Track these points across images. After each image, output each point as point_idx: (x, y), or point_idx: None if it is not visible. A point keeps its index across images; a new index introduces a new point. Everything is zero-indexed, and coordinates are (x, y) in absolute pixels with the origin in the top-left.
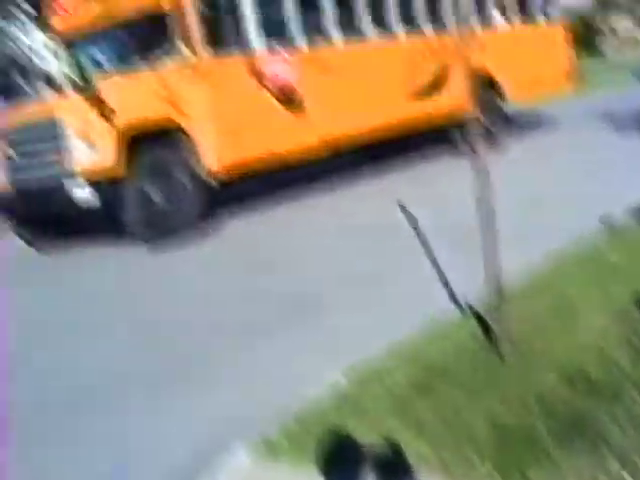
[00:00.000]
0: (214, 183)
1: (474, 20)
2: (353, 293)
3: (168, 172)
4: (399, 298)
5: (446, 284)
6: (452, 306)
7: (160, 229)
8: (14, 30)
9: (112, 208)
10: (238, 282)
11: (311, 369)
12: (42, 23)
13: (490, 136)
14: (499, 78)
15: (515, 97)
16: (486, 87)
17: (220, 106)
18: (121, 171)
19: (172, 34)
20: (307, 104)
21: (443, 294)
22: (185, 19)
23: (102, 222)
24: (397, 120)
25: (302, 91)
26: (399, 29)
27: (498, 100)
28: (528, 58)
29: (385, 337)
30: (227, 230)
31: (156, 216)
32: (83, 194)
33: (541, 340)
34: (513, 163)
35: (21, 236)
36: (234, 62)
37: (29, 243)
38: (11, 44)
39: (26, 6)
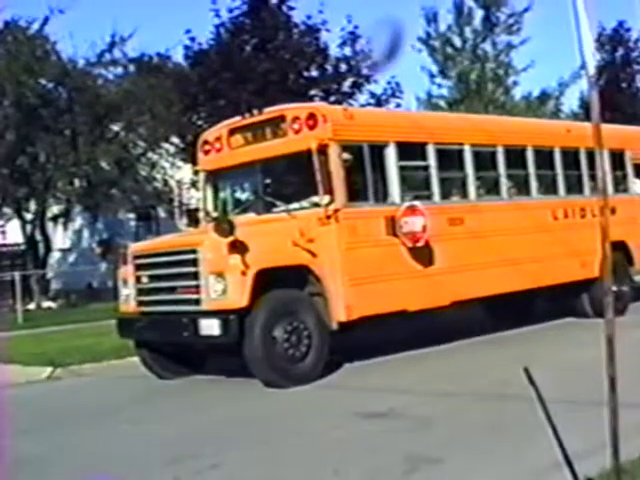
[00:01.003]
0: (336, 327)
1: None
2: (469, 458)
3: (294, 312)
4: (512, 468)
5: (565, 455)
6: (569, 478)
7: (280, 372)
8: (163, 164)
9: (236, 341)
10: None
11: None
12: (190, 160)
13: (617, 301)
14: (630, 243)
15: None
16: (616, 252)
17: (354, 256)
18: (249, 308)
19: (314, 180)
20: (441, 262)
21: (560, 465)
22: (328, 167)
23: (223, 352)
24: (526, 281)
25: (438, 249)
26: (538, 194)
27: (627, 265)
28: None
29: None
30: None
31: (277, 358)
32: (210, 328)
33: None
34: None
35: (144, 361)
36: (371, 213)
37: (150, 368)
38: (162, 177)
39: (177, 142)
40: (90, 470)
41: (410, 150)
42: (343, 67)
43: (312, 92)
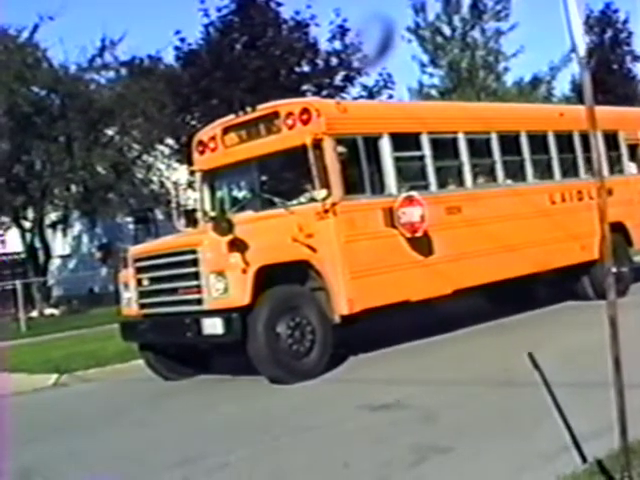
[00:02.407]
0: (338, 321)
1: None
2: (478, 445)
3: (297, 308)
4: (521, 452)
5: (573, 438)
6: (578, 461)
7: (285, 368)
8: (159, 166)
9: (239, 340)
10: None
11: None
12: (185, 160)
13: (618, 282)
14: (628, 224)
15: None
16: (615, 233)
17: (353, 249)
18: (251, 305)
19: (310, 175)
20: (440, 251)
21: (569, 447)
22: (324, 161)
23: (227, 351)
24: (527, 266)
25: (437, 238)
26: (534, 179)
27: (626, 246)
28: None
29: None
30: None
31: (282, 354)
32: (213, 327)
33: None
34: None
35: (149, 363)
36: (369, 205)
37: (155, 370)
38: (158, 179)
39: (171, 143)
40: (100, 473)
41: (405, 141)
42: (334, 61)
43: (304, 87)
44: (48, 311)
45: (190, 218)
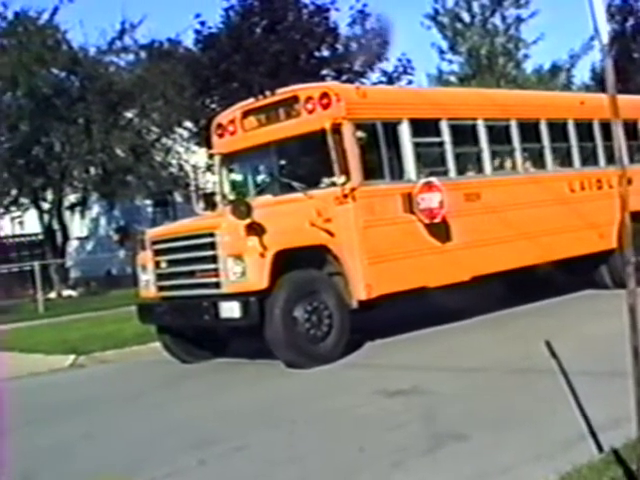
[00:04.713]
0: (356, 306)
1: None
2: (494, 433)
3: (314, 292)
4: (537, 440)
5: (590, 427)
6: (594, 450)
7: (302, 352)
8: (178, 149)
9: (257, 323)
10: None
11: None
12: (204, 144)
13: (637, 271)
14: None
15: None
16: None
17: (372, 235)
18: (269, 289)
19: (329, 159)
20: (459, 237)
21: (585, 436)
22: (343, 146)
23: (244, 334)
24: (545, 254)
25: (455, 225)
26: (553, 167)
27: None
28: None
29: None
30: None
31: (299, 338)
32: (231, 311)
33: None
34: None
35: (166, 345)
36: (388, 190)
37: (172, 353)
38: (177, 162)
39: (190, 126)
40: (115, 455)
41: (424, 126)
42: (354, 46)
43: (324, 72)
44: (66, 292)
45: (208, 201)
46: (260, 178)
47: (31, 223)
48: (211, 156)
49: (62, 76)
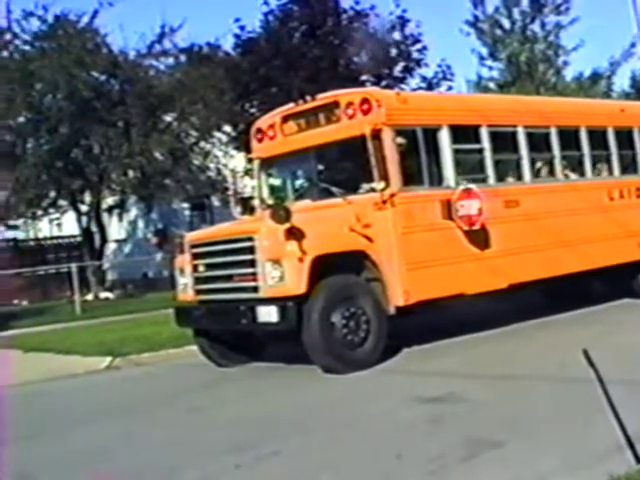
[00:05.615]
0: (393, 312)
1: None
2: (530, 441)
3: (352, 298)
4: (574, 450)
5: (627, 437)
6: (631, 461)
7: (339, 358)
8: (216, 153)
9: (294, 328)
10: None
11: None
12: (243, 148)
13: None
14: None
15: None
16: None
17: (410, 241)
18: (307, 294)
19: (368, 165)
20: (497, 244)
21: (622, 447)
22: (383, 151)
23: (281, 339)
24: (583, 262)
25: (494, 232)
26: (592, 175)
27: None
28: None
29: None
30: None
31: (336, 344)
32: (268, 315)
33: None
34: None
35: (202, 349)
36: (427, 197)
37: (209, 356)
38: (215, 166)
39: (229, 130)
40: (152, 457)
41: (464, 133)
42: (393, 52)
43: (363, 77)
44: (103, 294)
45: (246, 206)
46: (299, 183)
47: (69, 225)
48: (250, 160)
49: (102, 79)
